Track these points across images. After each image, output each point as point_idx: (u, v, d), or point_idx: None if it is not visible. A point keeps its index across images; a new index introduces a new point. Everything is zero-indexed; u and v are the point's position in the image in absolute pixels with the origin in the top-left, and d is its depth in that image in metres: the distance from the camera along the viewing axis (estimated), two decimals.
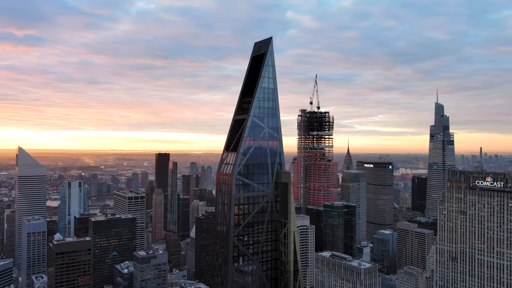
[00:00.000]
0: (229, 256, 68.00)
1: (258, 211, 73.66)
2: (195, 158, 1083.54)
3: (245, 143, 71.65)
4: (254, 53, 78.01)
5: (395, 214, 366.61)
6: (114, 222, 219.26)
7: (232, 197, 69.11)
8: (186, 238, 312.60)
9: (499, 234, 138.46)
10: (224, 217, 70.85)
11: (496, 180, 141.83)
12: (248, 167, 72.88)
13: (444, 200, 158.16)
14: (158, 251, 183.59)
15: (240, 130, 72.71)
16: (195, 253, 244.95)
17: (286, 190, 75.22)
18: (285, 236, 75.12)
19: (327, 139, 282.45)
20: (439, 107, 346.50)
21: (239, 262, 70.77)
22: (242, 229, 71.45)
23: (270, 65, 75.08)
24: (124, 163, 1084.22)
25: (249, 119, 72.19)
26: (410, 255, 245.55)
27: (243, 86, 76.76)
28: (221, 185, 72.93)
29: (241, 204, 71.27)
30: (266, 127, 75.51)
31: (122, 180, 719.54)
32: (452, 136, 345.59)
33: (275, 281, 75.18)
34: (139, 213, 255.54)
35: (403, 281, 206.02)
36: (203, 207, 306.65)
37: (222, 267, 69.94)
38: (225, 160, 73.94)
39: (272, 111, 76.06)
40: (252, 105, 72.45)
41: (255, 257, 72.77)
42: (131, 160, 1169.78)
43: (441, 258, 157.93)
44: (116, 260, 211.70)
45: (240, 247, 70.72)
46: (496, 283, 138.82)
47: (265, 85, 74.89)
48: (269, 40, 76.04)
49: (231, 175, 69.80)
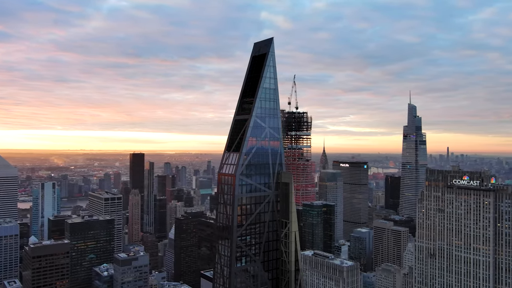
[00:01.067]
0: (232, 257, 67.91)
1: (260, 211, 73.89)
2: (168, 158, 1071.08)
3: (247, 143, 71.76)
4: (254, 53, 78.09)
5: (370, 212, 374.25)
6: (91, 224, 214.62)
7: (235, 197, 69.07)
8: (163, 240, 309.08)
9: (476, 231, 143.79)
10: (227, 217, 70.66)
11: (472, 179, 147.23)
12: (250, 167, 72.99)
13: (422, 198, 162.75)
14: (139, 253, 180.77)
15: (242, 130, 72.65)
16: (175, 254, 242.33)
17: (287, 190, 75.79)
18: (286, 236, 75.67)
19: (305, 139, 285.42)
20: (412, 108, 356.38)
21: (242, 262, 70.81)
22: (245, 229, 71.45)
23: (271, 65, 75.46)
24: (95, 163, 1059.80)
25: (251, 119, 72.33)
26: (387, 253, 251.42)
27: (244, 86, 76.72)
28: (223, 185, 72.67)
29: (243, 205, 71.29)
30: (268, 127, 75.88)
31: (94, 180, 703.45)
32: (424, 136, 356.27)
33: (276, 280, 75.68)
34: (116, 214, 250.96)
35: (381, 278, 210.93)
36: (181, 207, 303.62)
37: (224, 268, 69.75)
38: (226, 161, 73.72)
39: (273, 111, 76.52)
40: (254, 105, 72.61)
41: (257, 257, 72.93)
42: (102, 161, 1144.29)
43: (420, 255, 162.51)
44: (93, 262, 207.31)
45: (243, 248, 70.76)
46: (473, 278, 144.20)
47: (267, 85, 75.21)
48: (270, 41, 76.45)
49: (234, 175, 69.72)
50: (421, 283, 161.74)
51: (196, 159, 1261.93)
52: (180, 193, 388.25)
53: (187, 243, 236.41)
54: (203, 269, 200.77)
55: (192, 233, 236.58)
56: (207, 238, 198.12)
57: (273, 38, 75.47)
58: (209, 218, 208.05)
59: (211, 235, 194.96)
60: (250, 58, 77.91)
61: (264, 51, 75.72)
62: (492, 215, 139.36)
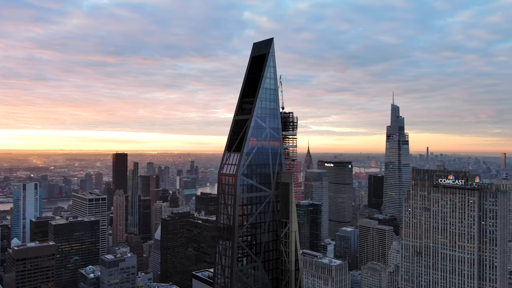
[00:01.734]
0: (233, 257, 67.86)
1: (260, 211, 74.06)
2: (151, 158, 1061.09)
3: (248, 144, 71.87)
4: (254, 53, 78.15)
5: (353, 211, 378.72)
6: (76, 226, 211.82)
7: (237, 197, 69.04)
8: (148, 240, 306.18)
9: (461, 229, 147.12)
10: (228, 218, 70.59)
11: (457, 178, 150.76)
12: (251, 167, 73.06)
13: (409, 197, 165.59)
14: (126, 254, 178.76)
15: (242, 130, 72.61)
16: (161, 255, 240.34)
17: (287, 190, 76.12)
18: (285, 235, 76.02)
19: (292, 139, 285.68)
20: (395, 108, 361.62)
21: (243, 263, 70.85)
22: (246, 229, 71.55)
23: (271, 66, 75.65)
24: (76, 163, 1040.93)
25: (252, 119, 72.45)
26: (371, 251, 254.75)
27: (243, 86, 76.74)
28: (223, 185, 72.55)
29: (244, 205, 71.33)
30: (268, 127, 76.12)
31: (75, 181, 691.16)
32: (407, 136, 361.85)
33: (276, 280, 75.95)
34: (101, 215, 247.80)
35: (367, 276, 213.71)
36: (167, 208, 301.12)
37: (225, 269, 69.61)
38: (227, 161, 73.62)
39: (273, 111, 76.74)
40: (255, 106, 72.76)
41: (258, 257, 73.08)
42: (82, 161, 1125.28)
43: (406, 253, 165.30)
44: (78, 264, 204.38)
45: (244, 248, 70.81)
46: (458, 275, 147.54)
47: (267, 85, 75.41)
48: (270, 41, 76.62)
49: (236, 175, 69.69)
50: (407, 281, 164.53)
51: (179, 159, 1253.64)
52: (165, 193, 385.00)
53: (173, 243, 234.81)
54: (191, 270, 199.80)
55: (179, 233, 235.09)
56: (194, 238, 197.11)
57: (273, 39, 75.82)
58: (197, 218, 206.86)
59: (199, 236, 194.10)
60: (250, 58, 77.99)
61: (264, 51, 75.93)
62: (477, 214, 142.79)
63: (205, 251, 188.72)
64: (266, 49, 75.66)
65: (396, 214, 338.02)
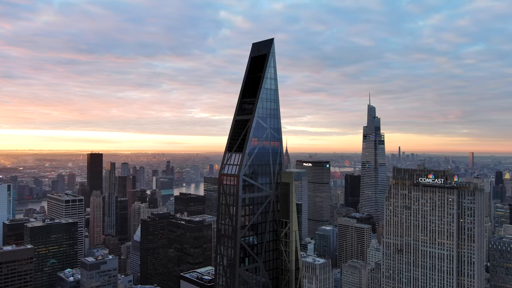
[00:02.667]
0: (236, 258, 67.64)
1: (262, 211, 74.16)
2: (124, 158, 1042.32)
3: (250, 144, 71.82)
4: (254, 54, 78.02)
5: (331, 210, 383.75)
6: (53, 228, 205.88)
7: (239, 198, 68.86)
8: (125, 242, 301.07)
9: (440, 227, 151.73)
10: (230, 218, 70.29)
11: (437, 177, 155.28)
12: (253, 167, 73.04)
13: (390, 196, 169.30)
14: (107, 256, 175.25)
15: (244, 131, 72.43)
16: (140, 257, 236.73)
17: (287, 190, 76.54)
18: (286, 235, 76.43)
19: None
20: (371, 109, 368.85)
21: (245, 263, 70.72)
22: (247, 230, 71.45)
23: (272, 66, 75.81)
24: (46, 164, 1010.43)
25: (253, 119, 72.39)
26: (350, 249, 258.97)
27: (243, 87, 76.57)
28: (225, 186, 72.15)
29: (246, 205, 71.25)
30: (269, 127, 76.30)
31: (46, 182, 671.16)
32: (383, 136, 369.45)
33: (276, 280, 76.22)
34: (78, 217, 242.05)
35: (347, 274, 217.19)
36: (146, 209, 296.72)
37: (227, 269, 69.27)
38: (228, 161, 73.20)
39: (273, 112, 76.91)
40: (256, 106, 72.77)
41: (259, 257, 73.14)
42: (53, 161, 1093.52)
43: (387, 250, 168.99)
44: (55, 268, 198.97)
45: (246, 248, 70.71)
46: (438, 271, 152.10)
47: (267, 86, 75.51)
48: (271, 42, 76.71)
49: (238, 176, 69.49)
50: (388, 278, 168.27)
51: (153, 159, 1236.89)
52: (143, 194, 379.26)
53: (153, 245, 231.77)
54: (174, 271, 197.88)
55: (159, 234, 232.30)
56: (177, 239, 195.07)
57: (273, 39, 76.03)
58: (179, 219, 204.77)
59: (182, 237, 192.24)
60: (249, 59, 77.91)
61: (265, 51, 76.05)
62: (456, 211, 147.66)
63: (188, 252, 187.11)
64: (266, 50, 75.87)
65: (373, 212, 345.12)
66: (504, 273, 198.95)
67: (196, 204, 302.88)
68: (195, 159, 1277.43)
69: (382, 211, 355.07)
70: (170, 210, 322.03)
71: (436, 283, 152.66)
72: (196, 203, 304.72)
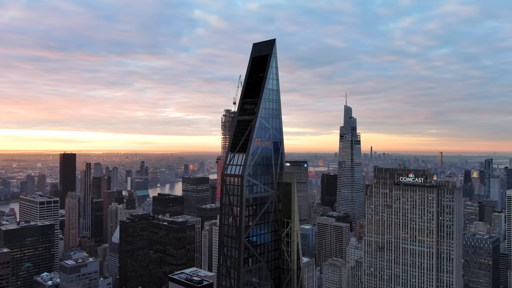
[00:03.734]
0: (240, 259, 67.57)
1: (264, 211, 74.37)
2: (96, 158, 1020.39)
3: (253, 144, 71.95)
4: (255, 54, 78.10)
5: (308, 209, 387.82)
6: (28, 230, 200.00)
7: (243, 198, 68.77)
8: (102, 244, 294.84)
9: (420, 224, 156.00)
10: (234, 219, 70.14)
11: (417, 176, 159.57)
12: (256, 167, 73.20)
13: (371, 195, 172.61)
14: (88, 259, 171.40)
15: (247, 131, 72.51)
16: (119, 259, 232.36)
17: (289, 190, 77.08)
18: (287, 235, 76.90)
19: None
20: (348, 109, 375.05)
21: (249, 263, 70.69)
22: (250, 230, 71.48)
23: (274, 66, 76.20)
24: (13, 164, 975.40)
25: (257, 120, 72.57)
26: (329, 248, 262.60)
27: (245, 87, 76.53)
28: (228, 186, 71.94)
29: (249, 205, 71.28)
30: (271, 128, 76.67)
31: (14, 183, 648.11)
32: (359, 136, 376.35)
33: (278, 280, 76.56)
34: (53, 219, 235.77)
35: (328, 272, 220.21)
36: (123, 210, 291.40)
37: (231, 270, 69.05)
38: (231, 161, 73.03)
39: (275, 112, 77.37)
40: (260, 106, 72.95)
41: (262, 257, 73.28)
42: (21, 161, 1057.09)
43: (369, 248, 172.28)
44: (31, 272, 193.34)
45: (250, 248, 70.72)
46: (418, 268, 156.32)
47: (270, 86, 75.80)
48: (273, 42, 77.01)
49: (242, 176, 69.46)
50: (370, 275, 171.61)
51: (126, 159, 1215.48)
52: (120, 195, 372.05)
53: (133, 246, 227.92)
54: (155, 273, 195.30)
55: (139, 236, 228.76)
56: (159, 241, 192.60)
57: (275, 40, 76.48)
58: (162, 220, 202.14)
59: (164, 238, 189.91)
60: (250, 59, 78.06)
61: (266, 52, 76.34)
62: (435, 209, 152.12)
63: (171, 253, 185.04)
64: (268, 50, 76.20)
65: (349, 211, 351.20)
66: (477, 268, 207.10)
67: (175, 204, 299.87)
68: (169, 159, 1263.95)
69: (358, 210, 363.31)
70: (148, 211, 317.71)
71: (416, 279, 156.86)
72: (174, 203, 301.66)
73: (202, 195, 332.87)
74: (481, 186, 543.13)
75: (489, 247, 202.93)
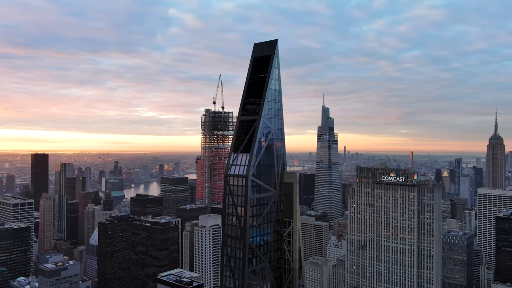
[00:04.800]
0: (245, 259, 67.49)
1: (267, 211, 74.47)
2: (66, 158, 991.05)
3: (257, 144, 71.90)
4: (256, 54, 77.97)
5: None
6: (2, 234, 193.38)
7: (248, 198, 68.65)
8: (78, 246, 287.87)
9: (402, 222, 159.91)
10: (238, 219, 69.88)
11: (398, 176, 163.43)
12: (259, 168, 73.25)
13: (353, 194, 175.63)
14: (68, 262, 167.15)
15: (250, 131, 72.41)
16: (98, 261, 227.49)
17: (291, 190, 77.45)
18: (289, 234, 77.29)
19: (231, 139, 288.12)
20: (325, 110, 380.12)
21: (253, 264, 70.67)
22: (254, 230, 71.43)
23: (276, 67, 76.24)
24: None
25: (260, 120, 72.52)
26: (309, 247, 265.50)
27: (246, 87, 76.19)
28: (232, 186, 71.57)
29: (253, 206, 71.22)
30: (273, 128, 76.83)
31: None
32: (336, 136, 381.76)
33: (280, 279, 76.86)
34: (27, 221, 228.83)
35: (309, 271, 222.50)
36: (100, 211, 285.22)
37: (235, 270, 68.84)
38: (234, 161, 72.70)
39: (278, 112, 77.58)
40: (263, 107, 72.95)
41: (265, 257, 73.40)
42: None
43: (352, 247, 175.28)
44: (5, 277, 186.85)
45: (254, 249, 70.70)
46: (400, 265, 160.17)
47: (272, 86, 75.96)
48: (275, 42, 76.97)
49: (247, 176, 69.30)
50: (352, 273, 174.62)
51: (98, 160, 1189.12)
52: (96, 196, 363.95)
53: (112, 248, 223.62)
54: (137, 275, 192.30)
55: (118, 237, 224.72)
56: (142, 242, 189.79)
57: (277, 40, 76.49)
58: (144, 221, 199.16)
59: (147, 239, 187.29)
60: (251, 59, 77.84)
61: (268, 52, 76.32)
62: (416, 208, 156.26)
63: (154, 255, 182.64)
64: (270, 51, 76.26)
65: (327, 210, 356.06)
66: (452, 264, 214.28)
67: (154, 205, 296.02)
68: (143, 159, 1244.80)
69: (336, 209, 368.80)
70: (125, 212, 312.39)
71: (398, 276, 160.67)
72: (153, 204, 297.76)
73: (181, 195, 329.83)
74: (451, 184, 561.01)
75: (463, 243, 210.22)
